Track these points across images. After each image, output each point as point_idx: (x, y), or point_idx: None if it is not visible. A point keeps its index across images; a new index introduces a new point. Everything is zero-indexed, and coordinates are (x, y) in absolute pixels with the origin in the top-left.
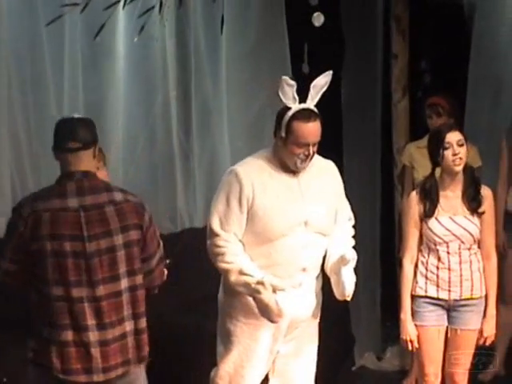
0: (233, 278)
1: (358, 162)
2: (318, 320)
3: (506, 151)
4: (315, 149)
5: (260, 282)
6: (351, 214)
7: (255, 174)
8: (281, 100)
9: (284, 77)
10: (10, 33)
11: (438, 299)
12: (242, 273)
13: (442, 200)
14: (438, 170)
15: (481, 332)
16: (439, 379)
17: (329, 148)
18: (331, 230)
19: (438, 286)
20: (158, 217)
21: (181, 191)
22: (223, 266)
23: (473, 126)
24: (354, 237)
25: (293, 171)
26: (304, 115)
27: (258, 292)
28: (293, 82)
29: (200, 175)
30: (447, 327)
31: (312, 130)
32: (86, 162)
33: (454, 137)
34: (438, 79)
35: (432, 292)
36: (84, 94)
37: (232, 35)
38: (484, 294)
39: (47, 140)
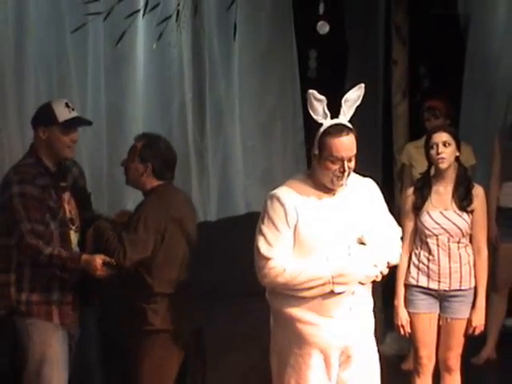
0: (303, 278)
1: (359, 160)
2: (374, 347)
3: (498, 150)
4: (351, 164)
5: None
6: (395, 226)
7: (296, 196)
8: (310, 116)
9: (310, 91)
10: (38, 39)
11: (428, 289)
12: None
13: (433, 195)
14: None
15: (470, 322)
16: (433, 362)
17: None
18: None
19: (428, 276)
20: None
21: (196, 187)
22: (287, 277)
23: (467, 126)
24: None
25: (331, 190)
26: (336, 130)
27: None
28: (322, 97)
29: (214, 172)
30: (439, 315)
31: (345, 144)
32: None
33: (439, 137)
34: (436, 83)
35: (423, 282)
36: (106, 96)
37: (244, 42)
38: (473, 285)
39: None
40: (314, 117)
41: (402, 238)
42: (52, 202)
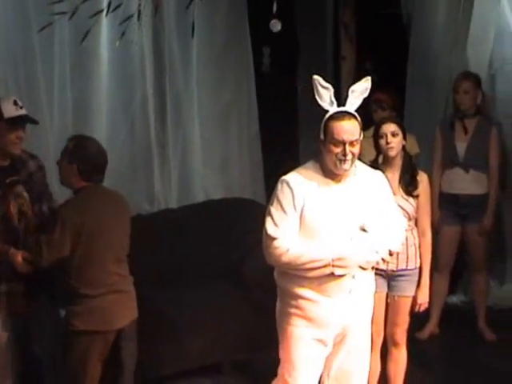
0: (305, 259)
1: (312, 152)
2: (369, 326)
3: (439, 140)
4: (354, 150)
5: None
6: (399, 217)
7: (304, 182)
8: (318, 104)
9: (315, 77)
10: (5, 38)
11: (377, 269)
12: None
13: None
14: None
15: (415, 299)
16: (381, 338)
17: (285, 140)
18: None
19: None
20: (137, 199)
21: (157, 176)
22: (290, 257)
23: (411, 117)
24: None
25: (338, 177)
26: (339, 114)
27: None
28: (328, 85)
29: (174, 162)
30: (387, 294)
31: (346, 127)
32: None
33: (387, 128)
34: (382, 78)
35: None
36: (72, 92)
37: (201, 39)
38: (419, 265)
39: (39, 133)
40: (321, 103)
41: None
42: None
